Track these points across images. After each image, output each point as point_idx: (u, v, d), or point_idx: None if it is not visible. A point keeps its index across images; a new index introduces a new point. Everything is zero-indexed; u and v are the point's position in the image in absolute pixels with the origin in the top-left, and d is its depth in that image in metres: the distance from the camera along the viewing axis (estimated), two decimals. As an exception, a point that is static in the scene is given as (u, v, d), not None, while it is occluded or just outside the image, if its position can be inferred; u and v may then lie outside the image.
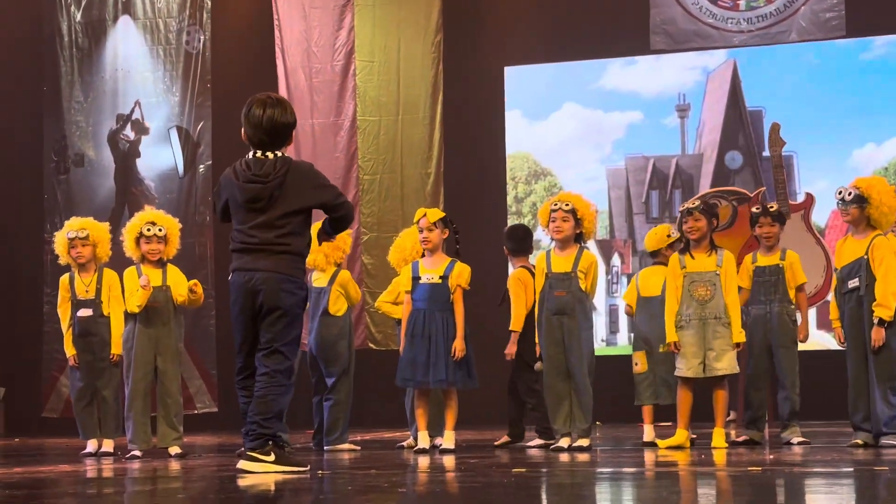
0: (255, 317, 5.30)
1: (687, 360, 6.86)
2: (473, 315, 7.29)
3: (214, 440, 9.55)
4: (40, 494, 4.44)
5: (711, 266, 6.92)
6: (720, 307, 6.86)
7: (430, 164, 12.10)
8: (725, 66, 11.93)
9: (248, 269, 5.29)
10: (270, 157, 5.33)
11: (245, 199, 5.30)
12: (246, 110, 5.38)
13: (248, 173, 5.31)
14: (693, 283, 6.90)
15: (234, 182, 5.35)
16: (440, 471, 5.39)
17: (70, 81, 12.57)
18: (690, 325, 6.88)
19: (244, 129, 5.41)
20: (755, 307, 7.35)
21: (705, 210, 7.05)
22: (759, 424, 7.28)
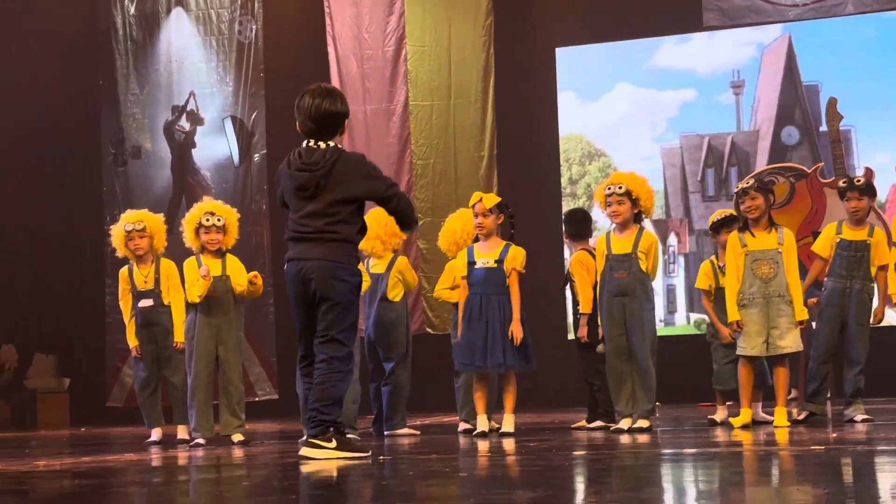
0: (311, 305, 5.34)
1: (751, 338, 6.81)
2: (529, 298, 7.28)
3: (275, 427, 9.63)
4: (109, 483, 4.51)
5: (773, 244, 6.86)
6: (783, 285, 6.80)
7: (483, 147, 12.09)
8: (780, 41, 11.79)
9: (300, 259, 5.34)
10: (322, 147, 5.37)
11: (294, 186, 5.35)
12: (298, 100, 5.43)
13: (299, 162, 5.37)
14: (756, 262, 6.84)
15: (286, 171, 5.41)
16: (500, 454, 5.40)
17: (125, 74, 12.70)
18: (754, 303, 6.82)
19: (297, 121, 5.46)
20: (834, 280, 7.24)
21: (761, 188, 6.99)
22: (821, 398, 7.22)
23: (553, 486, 3.74)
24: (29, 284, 12.45)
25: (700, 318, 11.40)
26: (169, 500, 3.86)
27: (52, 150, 12.66)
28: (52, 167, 12.64)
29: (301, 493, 3.88)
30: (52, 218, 12.68)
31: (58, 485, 4.55)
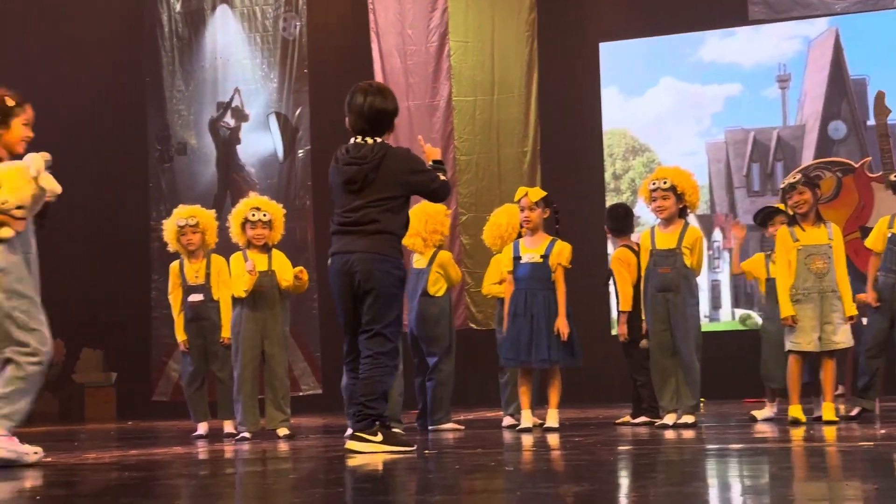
0: (356, 299, 5.36)
1: (805, 333, 6.75)
2: (573, 293, 7.27)
3: (320, 421, 9.68)
4: (157, 476, 4.56)
5: (824, 239, 6.82)
6: (834, 280, 6.75)
7: (527, 142, 12.08)
8: (827, 35, 11.68)
9: (345, 252, 5.36)
10: (370, 142, 5.41)
11: (343, 180, 5.39)
12: (349, 98, 5.48)
13: (347, 156, 5.41)
14: (809, 257, 6.79)
15: (335, 166, 5.45)
16: (545, 449, 5.39)
17: (171, 71, 12.81)
18: (809, 298, 6.76)
19: (347, 117, 5.50)
20: (885, 274, 7.19)
21: (808, 182, 6.93)
22: (872, 393, 7.16)
23: (598, 481, 3.73)
24: (76, 280, 12.58)
25: (745, 314, 11.33)
26: (216, 492, 3.90)
27: (98, 146, 12.78)
28: (98, 164, 12.76)
29: (347, 485, 3.89)
30: (98, 214, 12.81)
31: (107, 477, 4.60)
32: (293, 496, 3.64)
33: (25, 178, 5.13)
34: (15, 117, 5.28)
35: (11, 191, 5.11)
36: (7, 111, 5.28)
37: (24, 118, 5.33)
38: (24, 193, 5.12)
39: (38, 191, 5.17)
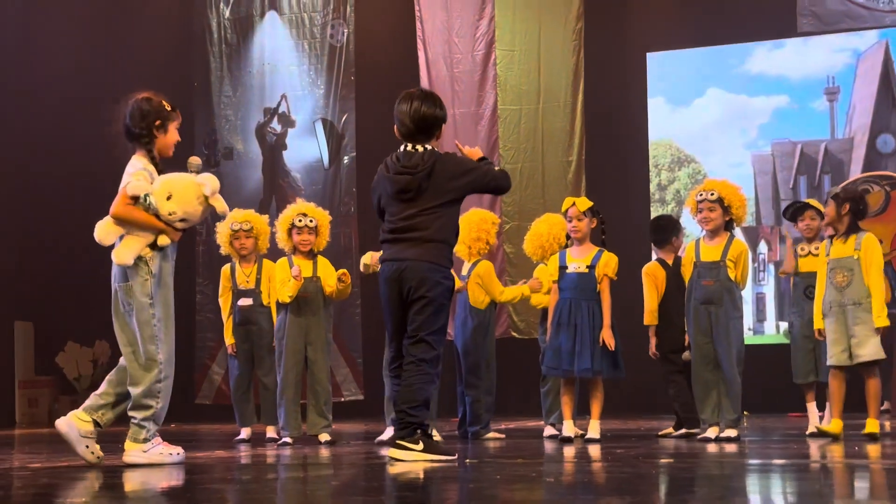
0: (404, 306, 5.38)
1: (831, 347, 6.73)
2: (617, 304, 7.25)
3: (361, 427, 9.70)
4: (199, 479, 4.59)
5: (849, 251, 6.76)
6: (860, 292, 6.69)
7: (572, 152, 12.06)
8: (877, 47, 11.59)
9: (396, 259, 5.37)
10: (420, 150, 5.42)
11: (395, 189, 5.40)
12: (397, 105, 5.49)
13: (398, 165, 5.42)
14: (833, 270, 6.79)
15: (384, 175, 5.46)
16: (586, 460, 5.38)
17: (219, 77, 12.92)
18: (831, 312, 6.76)
19: (396, 124, 5.52)
20: None
21: (837, 196, 6.87)
22: None
23: (640, 494, 3.72)
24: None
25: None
26: (258, 497, 3.92)
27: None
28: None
29: (388, 493, 3.91)
30: (145, 217, 12.92)
31: (149, 478, 4.64)
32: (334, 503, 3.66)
33: (197, 195, 5.27)
34: (171, 122, 5.43)
35: (181, 204, 5.25)
36: (167, 115, 5.42)
37: (177, 123, 5.49)
38: (193, 209, 5.27)
39: (206, 209, 5.30)
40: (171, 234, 5.26)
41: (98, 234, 5.29)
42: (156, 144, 5.39)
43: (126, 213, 5.24)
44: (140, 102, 5.43)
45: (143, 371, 5.26)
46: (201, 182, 5.27)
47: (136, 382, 5.26)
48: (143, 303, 5.24)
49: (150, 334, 5.24)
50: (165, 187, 5.24)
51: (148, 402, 5.23)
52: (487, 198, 11.92)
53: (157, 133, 5.38)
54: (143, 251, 5.23)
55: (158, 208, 5.21)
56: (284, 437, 7.22)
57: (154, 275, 5.24)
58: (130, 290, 5.25)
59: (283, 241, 7.41)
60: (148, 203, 5.21)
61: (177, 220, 5.23)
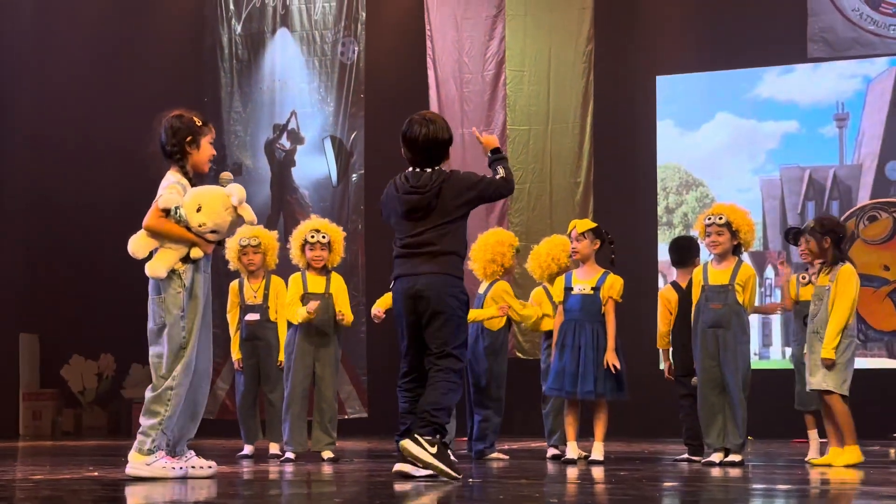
0: (419, 321, 5.38)
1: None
2: (623, 326, 7.25)
3: (364, 445, 9.69)
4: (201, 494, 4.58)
5: (825, 282, 6.81)
6: (822, 322, 6.73)
7: (580, 173, 12.06)
8: (887, 74, 11.59)
9: (411, 275, 5.38)
10: (428, 171, 5.45)
11: (405, 209, 5.42)
12: (404, 130, 5.50)
13: (407, 185, 5.44)
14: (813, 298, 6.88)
15: (394, 195, 5.48)
16: (590, 482, 5.37)
17: (230, 92, 12.95)
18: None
19: (403, 149, 5.52)
20: None
21: (814, 230, 6.88)
22: None
23: (643, 517, 3.71)
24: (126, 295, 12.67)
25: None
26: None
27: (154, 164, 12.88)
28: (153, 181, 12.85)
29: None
30: (152, 231, 12.91)
31: (151, 492, 4.63)
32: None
33: (225, 206, 5.32)
34: (203, 137, 5.46)
35: (210, 215, 5.30)
36: (198, 131, 5.46)
37: (210, 137, 5.54)
38: (222, 220, 5.32)
39: (235, 219, 5.35)
40: (203, 246, 5.30)
41: (132, 247, 5.36)
42: (189, 161, 5.43)
43: (159, 225, 5.29)
44: (171, 120, 5.50)
45: (160, 380, 5.29)
46: (229, 192, 5.31)
47: (151, 389, 5.28)
48: (175, 315, 5.29)
49: (179, 346, 5.26)
50: (195, 199, 5.29)
51: (156, 407, 5.25)
52: (495, 216, 11.94)
53: (189, 149, 5.43)
54: (177, 264, 5.26)
55: (188, 220, 5.25)
56: (288, 452, 7.20)
57: (186, 287, 5.29)
58: (164, 302, 5.29)
59: (296, 257, 7.44)
60: (179, 215, 5.25)
61: (207, 232, 5.28)
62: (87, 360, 12.94)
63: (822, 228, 6.90)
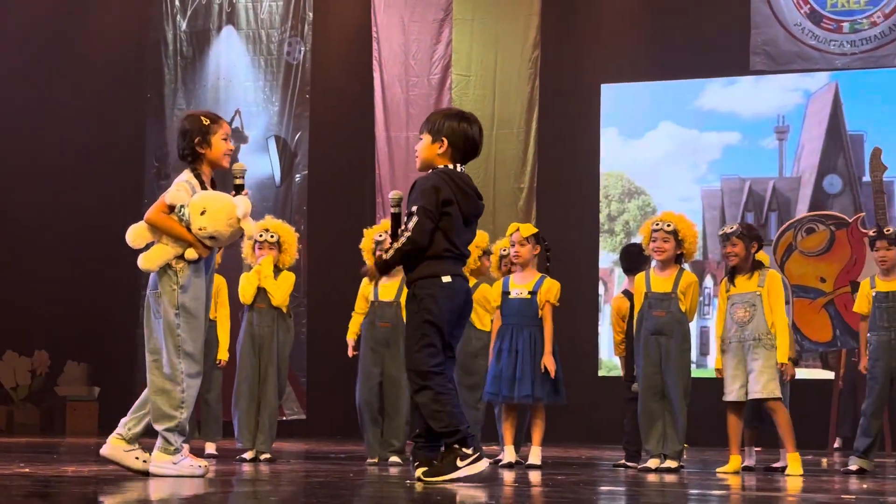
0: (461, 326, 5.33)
1: (728, 383, 6.78)
2: (561, 332, 7.27)
3: (301, 447, 9.64)
4: (137, 492, 4.53)
5: (752, 287, 6.81)
6: (761, 328, 6.73)
7: (524, 178, 12.11)
8: (827, 89, 11.76)
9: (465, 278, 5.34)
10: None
11: (476, 214, 5.33)
12: (458, 122, 5.33)
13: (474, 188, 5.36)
14: (734, 306, 6.82)
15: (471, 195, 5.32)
16: (526, 485, 5.38)
17: (173, 89, 12.84)
18: (730, 348, 6.80)
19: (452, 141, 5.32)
20: (877, 334, 7.17)
21: (743, 234, 6.92)
22: (872, 454, 7.10)
23: (579, 519, 3.72)
24: (64, 292, 12.55)
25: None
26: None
27: (94, 159, 12.77)
28: (93, 176, 12.75)
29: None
30: (90, 227, 12.77)
31: (84, 490, 4.58)
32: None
33: (229, 217, 5.26)
34: (213, 135, 5.41)
35: (212, 222, 5.24)
36: (206, 130, 5.39)
37: (222, 133, 5.46)
38: (223, 229, 5.26)
39: (237, 231, 5.32)
40: (198, 248, 5.27)
41: (129, 236, 5.33)
42: (204, 161, 5.39)
43: (160, 220, 5.26)
44: (182, 123, 5.49)
45: (165, 381, 5.23)
46: (236, 204, 5.27)
47: (157, 392, 5.24)
48: (170, 312, 5.24)
49: (175, 345, 5.23)
50: (202, 203, 5.25)
51: (171, 412, 5.21)
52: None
53: (200, 150, 5.37)
54: (173, 261, 5.23)
55: (190, 221, 5.21)
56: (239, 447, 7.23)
57: (182, 286, 5.23)
58: (159, 298, 5.25)
59: (248, 257, 7.46)
60: (182, 214, 5.21)
61: (205, 237, 5.24)
62: (20, 357, 12.76)
63: (750, 233, 6.96)
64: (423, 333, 5.16)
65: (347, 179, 12.52)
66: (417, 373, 5.15)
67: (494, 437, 7.75)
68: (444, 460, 5.04)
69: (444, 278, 5.18)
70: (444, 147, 5.32)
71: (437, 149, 5.33)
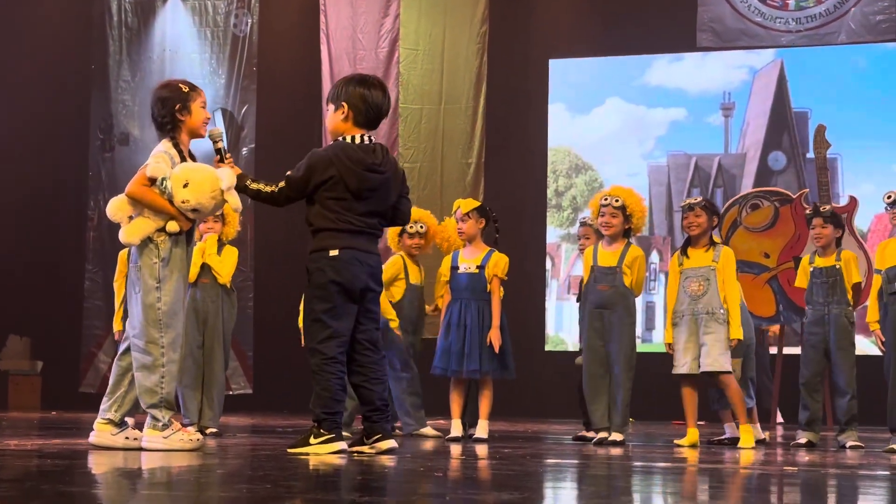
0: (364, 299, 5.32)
1: (679, 356, 6.86)
2: (511, 307, 7.29)
3: (248, 421, 9.62)
4: (78, 465, 4.50)
5: (707, 261, 6.90)
6: (714, 303, 6.82)
7: (472, 154, 12.12)
8: (772, 66, 11.87)
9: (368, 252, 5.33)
10: (376, 146, 5.41)
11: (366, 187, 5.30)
12: (362, 87, 5.35)
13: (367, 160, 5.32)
14: (687, 279, 6.90)
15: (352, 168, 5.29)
16: (473, 458, 5.40)
17: (118, 61, 12.69)
18: (683, 321, 6.87)
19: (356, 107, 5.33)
20: (812, 308, 7.27)
21: (707, 206, 7.01)
22: (816, 427, 7.19)
23: (526, 490, 3.75)
24: (7, 265, 12.40)
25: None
26: (140, 483, 3.86)
27: (38, 131, 12.61)
28: (37, 148, 12.60)
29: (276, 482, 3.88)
30: (34, 200, 12.63)
31: (28, 463, 4.54)
32: (220, 491, 3.62)
33: (213, 189, 5.21)
34: (192, 102, 5.35)
35: (195, 194, 5.19)
36: (186, 97, 5.35)
37: (200, 101, 5.42)
38: (206, 201, 5.22)
39: (220, 202, 5.27)
40: (180, 221, 5.23)
41: (110, 210, 5.28)
42: (183, 129, 5.35)
43: (141, 193, 5.20)
44: (159, 91, 5.44)
45: (145, 356, 5.21)
46: (220, 176, 5.23)
47: (140, 368, 5.23)
48: (150, 285, 5.21)
49: (154, 318, 5.20)
50: (184, 175, 5.20)
51: (154, 388, 5.19)
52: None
53: (181, 117, 5.34)
54: (154, 234, 5.18)
55: (173, 194, 5.15)
56: (184, 420, 7.16)
57: (164, 259, 5.20)
58: (139, 271, 5.22)
59: None
60: (164, 187, 5.16)
61: (188, 210, 5.19)
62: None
63: (713, 208, 7.04)
64: (311, 308, 5.26)
65: (294, 153, 12.34)
66: (308, 348, 5.30)
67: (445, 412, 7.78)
68: (302, 436, 5.28)
69: (331, 252, 5.24)
70: (345, 113, 5.36)
71: (340, 116, 5.38)
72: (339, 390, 5.24)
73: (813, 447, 6.97)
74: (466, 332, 7.02)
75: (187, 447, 5.23)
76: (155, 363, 5.22)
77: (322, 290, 5.24)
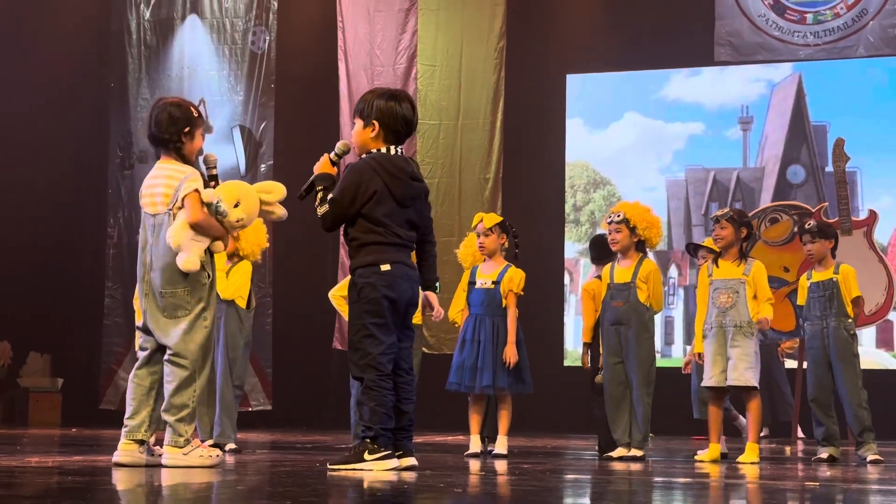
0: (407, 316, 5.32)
1: (708, 369, 6.84)
2: (528, 322, 7.28)
3: (268, 437, 9.62)
4: (99, 482, 4.51)
5: (737, 274, 6.87)
6: (742, 316, 6.79)
7: (489, 169, 12.11)
8: (791, 80, 11.84)
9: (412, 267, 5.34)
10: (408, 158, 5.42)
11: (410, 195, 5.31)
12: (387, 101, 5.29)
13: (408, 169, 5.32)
14: (716, 291, 6.87)
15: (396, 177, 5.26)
16: (493, 474, 5.39)
17: (137, 79, 12.74)
18: (711, 333, 6.85)
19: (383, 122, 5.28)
20: (811, 324, 7.24)
21: (733, 219, 6.98)
22: (835, 441, 7.13)
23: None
24: (27, 282, 12.44)
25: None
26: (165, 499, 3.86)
27: (59, 149, 12.67)
28: (57, 167, 12.65)
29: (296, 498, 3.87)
30: (54, 217, 12.68)
31: (49, 480, 4.55)
32: None
33: (256, 202, 5.31)
34: (198, 128, 5.38)
35: (247, 211, 5.28)
36: (195, 122, 5.39)
37: (201, 130, 5.48)
38: (255, 216, 5.36)
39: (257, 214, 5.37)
40: (226, 240, 5.27)
41: (175, 239, 5.15)
42: (183, 150, 5.39)
43: (207, 222, 5.21)
44: (170, 108, 5.39)
45: (183, 370, 5.19)
46: (262, 189, 5.35)
47: (176, 381, 5.20)
48: (199, 308, 5.22)
49: (202, 337, 5.21)
50: (233, 194, 5.22)
51: (186, 402, 5.20)
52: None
53: (184, 139, 5.33)
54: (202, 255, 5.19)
55: (229, 215, 5.17)
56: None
57: (211, 280, 5.22)
58: (188, 294, 5.20)
59: None
60: (222, 210, 5.16)
61: (240, 227, 5.27)
62: (-18, 348, 12.64)
63: (741, 219, 7.00)
64: (363, 324, 5.18)
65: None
66: (356, 364, 5.18)
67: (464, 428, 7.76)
68: (353, 451, 5.16)
69: (382, 266, 5.19)
70: (375, 130, 5.31)
71: (369, 133, 5.33)
72: (391, 406, 5.18)
73: (834, 461, 6.92)
74: (480, 348, 7.02)
75: (207, 463, 5.22)
76: (191, 379, 5.21)
77: (375, 304, 5.17)
